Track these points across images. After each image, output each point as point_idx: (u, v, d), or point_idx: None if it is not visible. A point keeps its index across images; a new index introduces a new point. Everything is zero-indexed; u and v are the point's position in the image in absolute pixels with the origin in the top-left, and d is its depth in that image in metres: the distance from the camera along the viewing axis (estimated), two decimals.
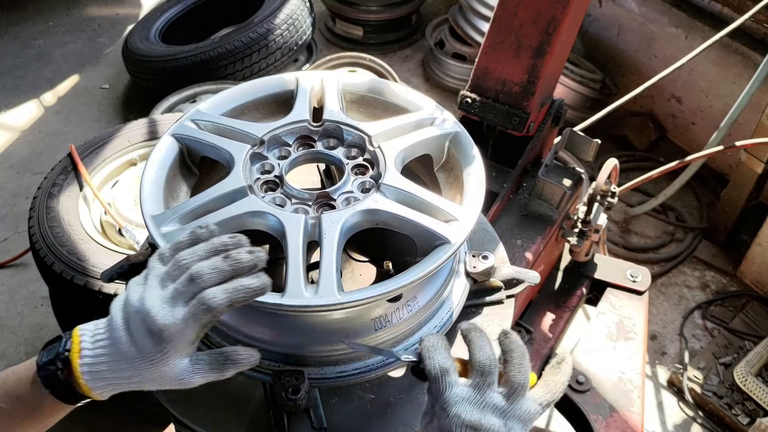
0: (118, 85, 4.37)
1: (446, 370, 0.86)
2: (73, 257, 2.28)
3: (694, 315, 3.11)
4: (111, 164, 2.68)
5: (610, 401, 1.70)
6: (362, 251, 1.18)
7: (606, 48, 4.04)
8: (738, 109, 2.94)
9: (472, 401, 0.85)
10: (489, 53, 1.78)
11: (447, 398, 0.85)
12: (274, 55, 3.75)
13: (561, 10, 1.65)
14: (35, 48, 4.67)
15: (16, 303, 3.12)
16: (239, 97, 1.22)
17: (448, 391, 0.85)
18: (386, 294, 0.93)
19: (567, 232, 1.85)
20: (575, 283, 2.02)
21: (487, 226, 1.37)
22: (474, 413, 0.84)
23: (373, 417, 1.06)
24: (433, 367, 0.87)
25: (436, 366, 0.87)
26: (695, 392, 2.77)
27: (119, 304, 0.88)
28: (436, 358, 0.87)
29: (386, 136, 1.13)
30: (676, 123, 3.82)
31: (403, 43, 4.70)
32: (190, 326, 0.85)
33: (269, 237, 1.01)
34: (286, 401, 0.96)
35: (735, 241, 3.34)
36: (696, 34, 3.46)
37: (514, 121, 1.79)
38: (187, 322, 0.84)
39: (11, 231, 3.44)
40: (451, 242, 0.97)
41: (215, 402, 1.08)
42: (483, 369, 0.87)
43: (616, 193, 1.81)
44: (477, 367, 0.87)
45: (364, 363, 1.05)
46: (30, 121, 4.11)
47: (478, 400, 0.85)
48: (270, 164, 1.11)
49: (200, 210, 1.02)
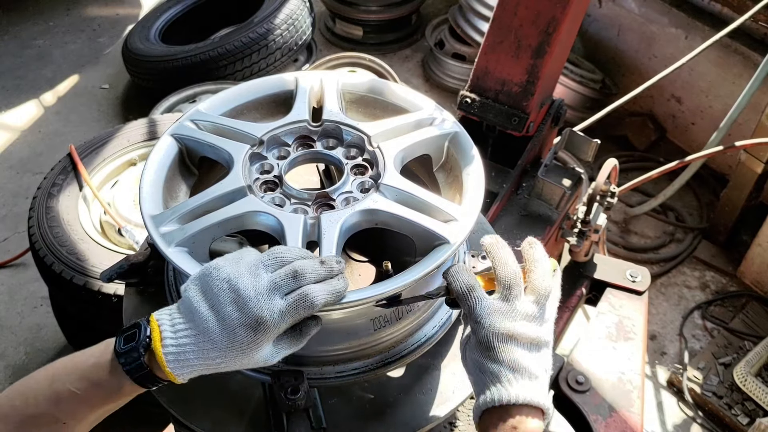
0: (117, 85, 4.37)
1: (472, 287, 0.91)
2: (72, 257, 2.28)
3: (693, 315, 3.11)
4: (110, 164, 2.68)
5: (609, 401, 1.70)
6: (361, 251, 1.18)
7: (606, 48, 4.04)
8: (738, 110, 2.94)
9: (503, 312, 0.89)
10: (489, 53, 1.78)
11: (479, 312, 0.89)
12: (274, 55, 3.75)
13: (561, 10, 1.65)
14: (35, 48, 4.67)
15: (15, 303, 3.12)
16: (239, 97, 1.22)
17: (478, 305, 0.89)
18: (385, 294, 0.93)
19: (566, 232, 1.85)
20: (575, 283, 2.02)
21: (486, 227, 1.37)
22: (506, 322, 0.88)
23: (372, 417, 1.06)
24: (460, 287, 0.91)
25: (462, 285, 0.91)
26: (695, 392, 2.77)
27: (197, 292, 0.87)
28: (460, 278, 0.91)
29: (385, 136, 1.13)
30: (675, 123, 3.82)
31: (402, 43, 4.70)
32: (286, 320, 0.86)
33: (268, 237, 1.01)
34: (285, 401, 0.96)
35: (735, 241, 3.34)
36: (696, 35, 3.46)
37: (513, 121, 1.79)
38: (285, 316, 0.85)
39: (11, 231, 3.44)
40: (450, 242, 0.97)
41: (214, 402, 1.08)
42: (509, 282, 0.91)
43: (616, 194, 1.81)
44: (503, 281, 0.91)
45: (363, 363, 1.05)
46: (30, 121, 4.11)
47: (509, 310, 0.89)
48: (269, 164, 1.11)
49: (199, 210, 1.01)
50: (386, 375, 1.09)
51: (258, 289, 0.85)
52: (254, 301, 0.84)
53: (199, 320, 0.85)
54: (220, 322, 0.84)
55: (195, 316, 0.86)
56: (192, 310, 0.86)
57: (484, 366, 0.88)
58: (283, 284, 0.86)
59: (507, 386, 0.86)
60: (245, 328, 0.84)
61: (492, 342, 0.87)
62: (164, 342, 0.85)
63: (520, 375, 0.86)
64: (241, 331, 0.84)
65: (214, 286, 0.86)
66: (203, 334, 0.85)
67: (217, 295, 0.85)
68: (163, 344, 0.85)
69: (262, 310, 0.84)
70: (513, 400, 0.85)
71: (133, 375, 0.86)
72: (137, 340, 0.86)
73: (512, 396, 0.85)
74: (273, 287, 0.86)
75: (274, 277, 0.86)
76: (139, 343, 0.86)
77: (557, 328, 1.91)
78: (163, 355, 0.84)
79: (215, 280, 0.86)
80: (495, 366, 0.87)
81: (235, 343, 0.84)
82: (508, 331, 0.87)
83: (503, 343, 0.87)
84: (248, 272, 0.86)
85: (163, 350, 0.84)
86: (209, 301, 0.85)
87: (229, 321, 0.84)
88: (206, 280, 0.87)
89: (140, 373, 0.86)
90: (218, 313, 0.85)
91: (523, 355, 0.87)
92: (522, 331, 0.88)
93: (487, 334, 0.87)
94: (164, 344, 0.85)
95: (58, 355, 2.91)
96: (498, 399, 0.85)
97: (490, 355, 0.87)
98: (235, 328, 0.84)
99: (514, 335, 0.87)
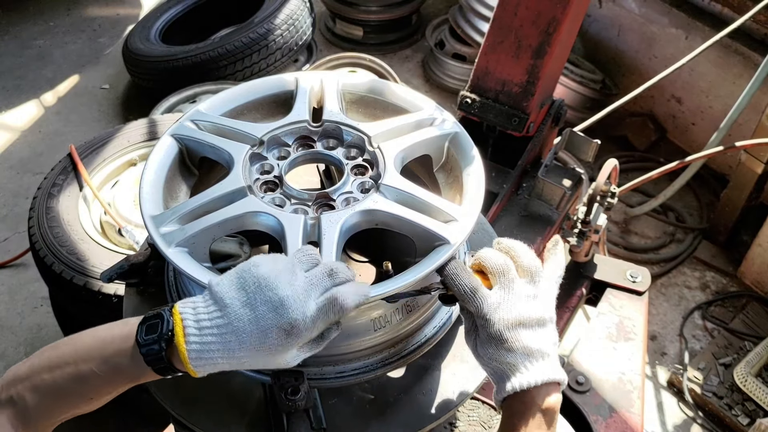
0: (118, 86, 4.37)
1: (475, 288, 0.93)
2: (72, 257, 2.28)
3: (694, 315, 3.11)
4: (111, 164, 2.68)
5: (610, 402, 1.70)
6: (362, 251, 1.18)
7: (606, 48, 4.04)
8: (738, 110, 2.94)
9: (507, 302, 0.93)
10: (489, 53, 1.78)
11: (486, 310, 0.92)
12: (274, 56, 3.75)
13: (561, 11, 1.65)
14: (35, 48, 4.67)
15: (16, 303, 3.12)
16: (239, 97, 1.22)
17: (484, 304, 0.93)
18: (385, 294, 0.93)
19: (567, 232, 1.85)
20: (575, 284, 2.02)
21: (486, 227, 1.37)
22: (513, 311, 0.92)
23: (372, 417, 1.06)
24: (464, 289, 0.93)
25: (465, 287, 0.93)
26: (695, 393, 2.77)
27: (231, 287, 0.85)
28: (461, 281, 0.94)
29: (386, 136, 1.13)
30: (676, 123, 3.82)
31: (403, 43, 4.70)
32: (318, 326, 0.86)
33: (269, 237, 1.01)
34: (285, 402, 0.96)
35: (735, 241, 3.34)
36: (696, 35, 3.46)
37: (513, 121, 1.79)
38: (316, 321, 0.85)
39: (11, 231, 3.44)
40: (450, 242, 0.97)
41: (215, 402, 1.08)
42: (501, 271, 0.95)
43: (616, 194, 1.81)
44: (496, 272, 0.95)
45: (363, 363, 1.05)
46: (30, 122, 4.11)
47: (511, 298, 0.93)
48: (269, 164, 1.11)
49: (200, 210, 1.01)
50: (386, 375, 1.09)
51: (295, 288, 0.84)
52: (290, 301, 0.83)
53: (230, 317, 0.83)
54: (254, 322, 0.83)
55: (226, 311, 0.83)
56: (223, 305, 0.84)
57: (501, 358, 0.93)
58: (318, 282, 0.86)
59: (525, 373, 0.91)
60: (278, 331, 0.83)
61: (504, 334, 0.92)
62: (188, 339, 0.83)
63: (534, 359, 0.92)
64: (273, 333, 0.83)
65: (252, 283, 0.84)
66: (233, 333, 0.83)
67: (254, 293, 0.83)
68: (187, 340, 0.83)
69: (297, 312, 0.83)
70: (533, 383, 0.91)
71: (154, 366, 0.86)
72: (159, 333, 0.85)
73: (532, 380, 0.91)
74: (309, 286, 0.85)
75: (311, 276, 0.86)
76: (161, 336, 0.84)
77: (557, 329, 1.92)
78: (186, 351, 0.83)
79: (252, 277, 0.84)
80: (511, 356, 0.92)
81: (264, 344, 0.83)
82: (516, 320, 0.92)
83: (514, 332, 0.92)
84: (286, 270, 0.85)
85: (187, 346, 0.83)
86: (244, 298, 0.83)
87: (263, 321, 0.83)
88: (243, 276, 0.85)
89: (160, 365, 0.86)
90: (253, 310, 0.83)
91: (533, 338, 0.93)
92: (527, 314, 0.93)
93: (499, 328, 0.92)
94: (188, 340, 0.83)
95: None
96: (519, 386, 0.91)
97: (504, 346, 0.92)
98: (268, 329, 0.83)
99: (522, 321, 0.92)
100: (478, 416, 1.45)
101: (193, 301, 0.87)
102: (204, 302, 0.86)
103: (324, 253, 0.96)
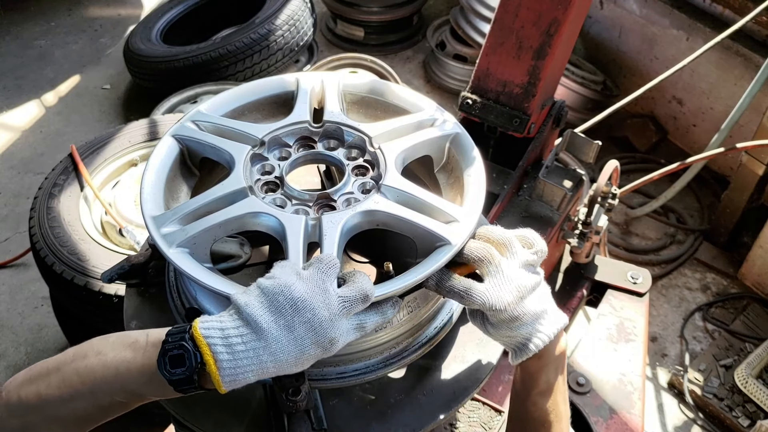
0: (119, 86, 4.38)
1: (468, 288, 0.95)
2: (73, 257, 2.28)
3: (694, 317, 3.11)
4: (112, 165, 2.68)
5: (610, 403, 1.70)
6: (363, 252, 1.18)
7: (607, 49, 4.04)
8: (739, 111, 2.94)
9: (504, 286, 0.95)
10: (490, 54, 1.78)
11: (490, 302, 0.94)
12: (275, 56, 3.76)
13: (562, 12, 1.65)
14: (37, 48, 4.68)
15: (16, 303, 3.13)
16: (240, 98, 1.22)
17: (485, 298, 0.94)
18: (387, 294, 0.93)
19: (568, 233, 1.85)
20: (576, 285, 2.02)
21: None
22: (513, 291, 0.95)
23: (373, 418, 1.06)
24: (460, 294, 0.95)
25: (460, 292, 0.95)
26: (696, 394, 2.76)
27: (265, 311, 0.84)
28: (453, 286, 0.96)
29: (387, 137, 1.13)
30: (677, 125, 3.82)
31: (404, 44, 4.70)
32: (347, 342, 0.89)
33: (269, 238, 1.01)
34: (286, 402, 0.95)
35: (736, 243, 3.34)
36: (697, 36, 3.46)
37: (515, 122, 1.79)
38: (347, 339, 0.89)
39: (12, 231, 3.44)
40: (451, 243, 0.97)
41: (215, 402, 1.08)
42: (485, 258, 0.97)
43: (617, 195, 1.81)
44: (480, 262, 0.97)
45: (364, 364, 1.05)
46: (31, 122, 4.11)
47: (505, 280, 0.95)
48: (270, 165, 1.11)
49: (201, 211, 1.01)
50: (387, 376, 1.09)
51: (332, 309, 0.85)
52: (329, 322, 0.85)
53: (268, 340, 0.83)
54: (293, 343, 0.84)
55: (263, 335, 0.83)
56: (258, 328, 0.83)
57: (515, 332, 0.98)
58: (353, 308, 0.88)
59: (540, 336, 0.98)
60: (316, 347, 0.85)
61: (514, 314, 0.95)
62: (220, 365, 0.82)
63: (542, 318, 0.98)
64: (311, 350, 0.85)
65: (288, 306, 0.84)
66: (270, 354, 0.83)
67: (291, 316, 0.84)
68: (219, 366, 0.82)
69: (335, 331, 0.85)
70: (547, 341, 0.98)
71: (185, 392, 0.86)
72: (188, 366, 0.83)
73: (546, 339, 0.98)
74: (344, 309, 0.87)
75: (345, 297, 0.87)
76: (192, 370, 0.83)
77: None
78: (220, 378, 0.82)
79: (287, 300, 0.84)
80: (524, 328, 0.97)
81: (299, 360, 0.85)
82: (518, 297, 0.95)
83: (520, 307, 0.96)
84: (319, 289, 0.86)
85: (220, 372, 0.82)
86: (282, 321, 0.83)
87: (302, 342, 0.84)
88: (277, 298, 0.84)
89: (192, 392, 0.86)
90: (291, 332, 0.83)
91: (535, 302, 0.98)
92: (524, 286, 0.96)
93: (508, 313, 0.95)
94: (220, 366, 0.82)
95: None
96: (536, 349, 0.98)
97: (516, 324, 0.97)
98: (306, 347, 0.85)
99: (522, 294, 0.96)
100: (478, 417, 1.45)
101: (220, 323, 0.84)
102: (233, 323, 0.84)
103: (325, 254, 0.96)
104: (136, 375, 0.87)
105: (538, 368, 1.02)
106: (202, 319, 0.86)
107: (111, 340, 0.91)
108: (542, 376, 1.03)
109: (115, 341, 0.90)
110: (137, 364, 0.87)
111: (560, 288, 2.02)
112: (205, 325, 0.84)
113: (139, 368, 0.87)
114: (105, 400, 0.89)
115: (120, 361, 0.88)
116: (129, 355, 0.88)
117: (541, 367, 1.02)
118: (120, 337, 0.91)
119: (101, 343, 0.91)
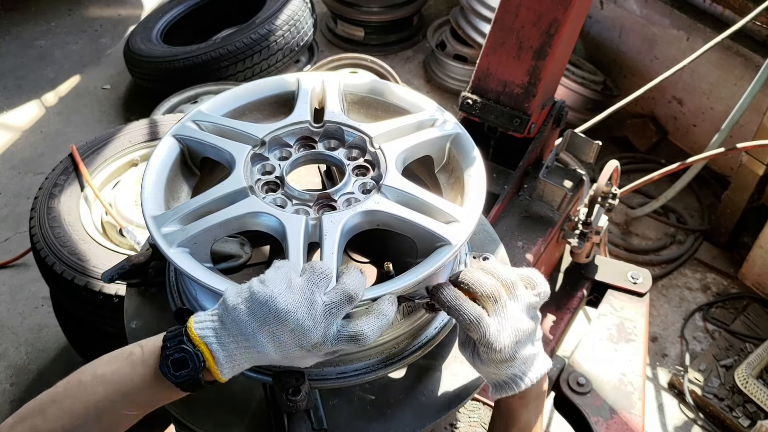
0: (119, 86, 4.38)
1: (480, 316, 0.93)
2: (74, 258, 2.28)
3: (695, 317, 3.11)
4: (112, 165, 2.68)
5: (610, 403, 1.70)
6: (363, 252, 1.18)
7: (607, 50, 4.04)
8: (739, 111, 2.94)
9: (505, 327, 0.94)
10: (490, 55, 1.78)
11: (489, 338, 0.93)
12: (276, 56, 3.76)
13: (562, 12, 1.65)
14: (37, 48, 4.68)
15: (16, 303, 3.13)
16: (240, 98, 1.22)
17: (487, 332, 0.93)
18: (385, 294, 0.93)
19: (568, 233, 1.85)
20: (576, 285, 2.02)
21: (487, 228, 1.37)
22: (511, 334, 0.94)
23: (373, 418, 1.06)
24: (469, 319, 0.93)
25: (470, 316, 0.93)
26: (696, 394, 2.76)
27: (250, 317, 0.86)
28: (465, 309, 0.94)
29: (387, 137, 1.13)
30: (677, 125, 3.82)
31: (404, 44, 4.70)
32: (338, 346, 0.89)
33: (270, 238, 1.01)
34: (286, 402, 0.96)
35: (736, 243, 3.34)
36: (697, 36, 3.46)
37: (515, 122, 1.79)
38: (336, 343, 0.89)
39: (12, 231, 3.44)
40: (451, 243, 0.97)
41: (216, 402, 1.08)
42: (494, 296, 0.95)
43: (617, 195, 1.81)
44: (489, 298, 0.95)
45: (364, 364, 1.05)
46: (31, 122, 4.11)
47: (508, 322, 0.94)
48: (271, 165, 1.11)
49: (201, 211, 1.01)
50: (387, 376, 1.09)
51: (316, 318, 0.86)
52: (312, 330, 0.86)
53: (255, 344, 0.86)
54: (278, 349, 0.86)
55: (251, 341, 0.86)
56: (246, 334, 0.86)
57: (503, 372, 0.97)
58: (338, 312, 0.88)
59: (526, 379, 0.97)
60: (300, 350, 0.87)
61: (507, 356, 0.95)
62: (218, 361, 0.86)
63: (530, 363, 0.97)
64: (296, 353, 0.87)
65: (272, 317, 0.85)
66: (259, 353, 0.87)
67: (275, 326, 0.85)
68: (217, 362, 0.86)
69: (319, 337, 0.86)
70: (531, 383, 0.97)
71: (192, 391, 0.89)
72: (192, 368, 0.86)
73: (529, 382, 0.97)
74: (329, 315, 0.87)
75: (330, 303, 0.87)
76: (196, 370, 0.86)
77: (558, 330, 1.92)
78: (220, 374, 0.87)
79: (270, 312, 0.85)
80: (512, 369, 0.97)
81: (287, 358, 0.88)
82: (515, 341, 0.94)
83: (515, 351, 0.95)
84: (305, 300, 0.86)
85: (219, 369, 0.86)
86: (266, 329, 0.86)
87: (286, 347, 0.86)
88: (261, 309, 0.86)
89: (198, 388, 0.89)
90: (274, 339, 0.86)
91: (528, 348, 0.97)
92: (522, 330, 0.95)
93: (503, 354, 0.94)
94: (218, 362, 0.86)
95: (59, 355, 2.92)
96: (518, 390, 0.97)
97: (505, 365, 0.96)
98: (290, 351, 0.87)
99: (519, 339, 0.95)
100: (478, 417, 1.45)
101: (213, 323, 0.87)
102: (222, 327, 0.87)
103: (325, 254, 0.96)
104: (140, 386, 0.88)
105: (519, 406, 1.03)
106: (196, 319, 0.88)
107: (105, 360, 0.92)
108: (523, 414, 1.03)
109: (110, 360, 0.91)
110: (139, 375, 0.88)
111: (560, 288, 2.02)
112: (200, 325, 0.87)
113: (142, 378, 0.88)
114: (111, 419, 0.90)
115: (121, 377, 0.89)
116: (128, 369, 0.89)
117: (522, 405, 1.02)
118: (114, 355, 0.92)
119: (95, 366, 0.92)
